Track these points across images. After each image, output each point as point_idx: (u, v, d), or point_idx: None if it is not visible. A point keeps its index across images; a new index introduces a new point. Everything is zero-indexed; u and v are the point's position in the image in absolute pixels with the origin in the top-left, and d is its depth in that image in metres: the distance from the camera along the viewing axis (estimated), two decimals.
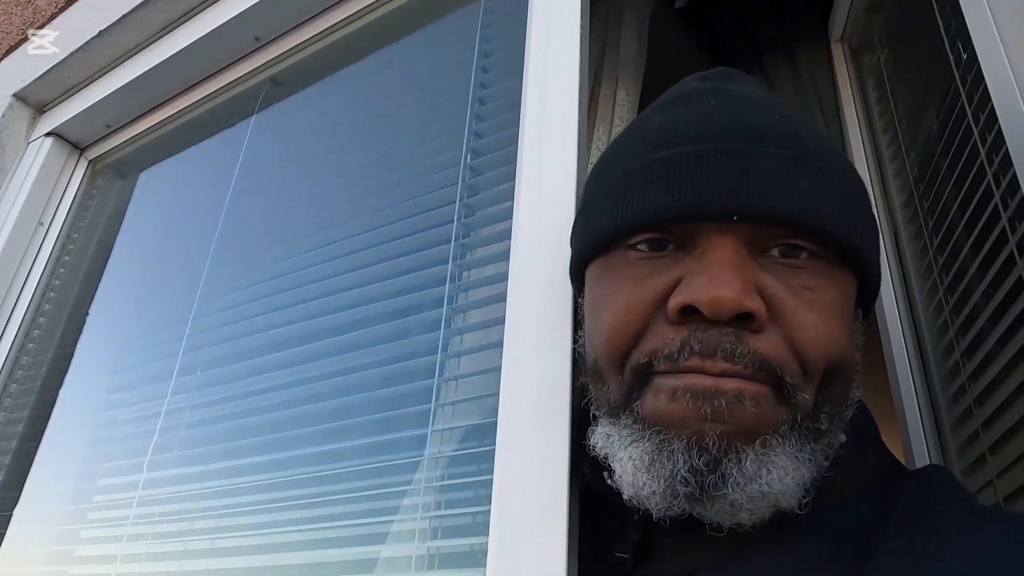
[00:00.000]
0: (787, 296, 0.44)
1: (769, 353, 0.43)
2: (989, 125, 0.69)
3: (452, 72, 0.96)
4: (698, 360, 0.43)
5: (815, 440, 0.45)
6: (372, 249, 0.88)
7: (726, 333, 0.43)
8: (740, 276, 0.43)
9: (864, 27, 1.18)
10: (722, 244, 0.45)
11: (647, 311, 0.46)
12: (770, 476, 0.43)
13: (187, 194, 1.33)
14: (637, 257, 0.48)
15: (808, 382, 0.44)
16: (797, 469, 0.44)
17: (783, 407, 0.44)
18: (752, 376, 0.43)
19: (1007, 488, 0.68)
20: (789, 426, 0.44)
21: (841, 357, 0.46)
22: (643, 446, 0.45)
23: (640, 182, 0.48)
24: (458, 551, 0.64)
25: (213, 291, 1.06)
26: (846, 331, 0.47)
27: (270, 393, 0.88)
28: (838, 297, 0.47)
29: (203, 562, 0.83)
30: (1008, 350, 0.69)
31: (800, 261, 0.46)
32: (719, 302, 0.42)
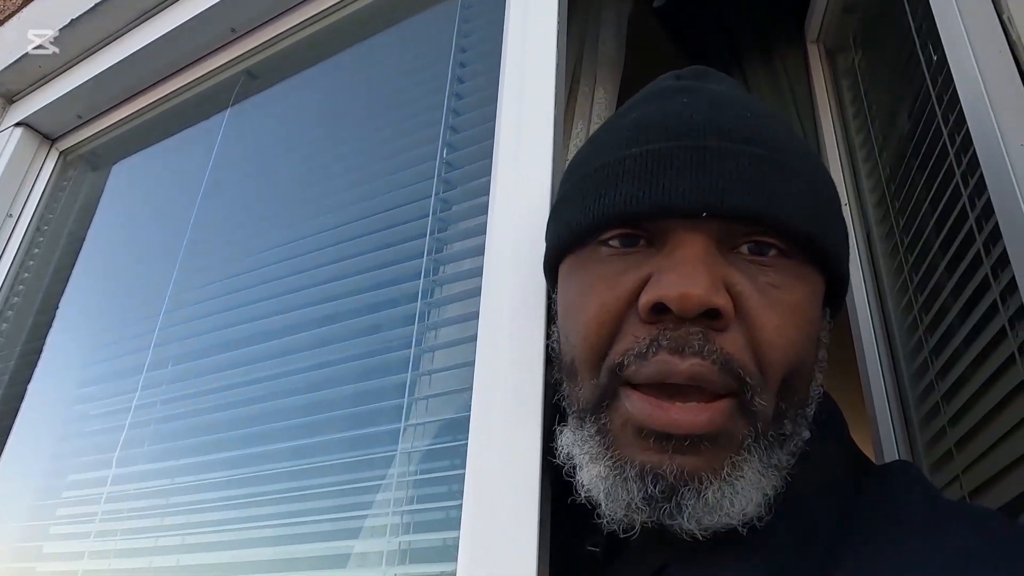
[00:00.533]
0: (754, 294, 0.45)
1: (733, 353, 0.44)
2: (958, 126, 0.70)
3: (429, 67, 0.96)
4: (666, 354, 0.43)
5: (780, 447, 0.46)
6: (347, 243, 0.87)
7: (694, 332, 0.43)
8: (709, 272, 0.44)
9: (839, 29, 1.20)
10: (692, 241, 0.45)
11: (620, 310, 0.46)
12: (732, 508, 0.43)
13: (160, 187, 1.31)
14: (609, 253, 0.48)
15: (766, 386, 0.45)
16: (760, 488, 0.44)
17: (744, 419, 0.44)
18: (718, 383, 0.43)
19: (972, 483, 0.70)
20: (753, 439, 0.44)
21: (801, 359, 0.46)
22: (600, 468, 0.45)
23: (611, 178, 0.48)
24: (430, 546, 0.64)
25: (185, 285, 1.05)
26: (810, 332, 0.47)
27: (242, 388, 0.87)
28: (804, 296, 0.47)
29: (173, 558, 0.82)
30: (973, 348, 0.70)
31: (768, 259, 0.46)
32: (687, 299, 0.42)
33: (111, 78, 1.34)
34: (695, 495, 0.43)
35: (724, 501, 0.43)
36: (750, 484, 0.44)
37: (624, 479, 0.44)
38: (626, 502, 0.44)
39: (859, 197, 1.07)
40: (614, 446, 0.45)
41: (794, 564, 0.45)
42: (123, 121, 1.40)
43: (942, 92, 0.75)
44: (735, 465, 0.44)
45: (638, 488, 0.43)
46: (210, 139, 1.23)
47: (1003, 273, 0.62)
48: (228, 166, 1.17)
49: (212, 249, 1.07)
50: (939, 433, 0.78)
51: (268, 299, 0.92)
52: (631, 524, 0.45)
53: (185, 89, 1.32)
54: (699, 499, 0.43)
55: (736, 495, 0.43)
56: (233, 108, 1.24)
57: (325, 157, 1.03)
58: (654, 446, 0.44)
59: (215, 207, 1.12)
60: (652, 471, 0.43)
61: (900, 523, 0.45)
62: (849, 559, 0.44)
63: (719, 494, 0.43)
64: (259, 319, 0.91)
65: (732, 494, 0.43)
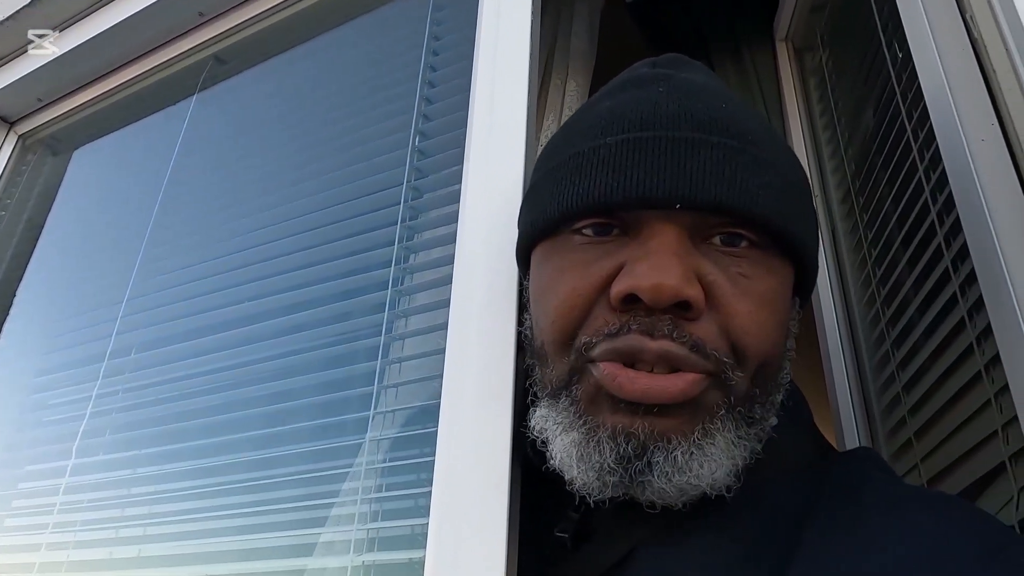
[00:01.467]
0: (725, 284, 0.45)
1: (705, 338, 0.44)
2: (921, 122, 0.72)
3: (402, 55, 0.95)
4: (636, 335, 0.44)
5: (748, 425, 0.47)
6: (316, 230, 0.86)
7: (664, 320, 0.44)
8: (681, 263, 0.44)
9: (808, 27, 1.21)
10: (665, 231, 0.45)
11: (591, 296, 0.46)
12: (701, 469, 0.44)
13: (124, 173, 1.28)
14: (582, 241, 0.49)
15: (742, 368, 0.45)
16: (730, 456, 0.45)
17: (718, 391, 0.45)
18: (691, 362, 0.44)
19: (931, 471, 0.72)
20: (726, 409, 0.45)
21: (774, 347, 0.47)
22: (573, 435, 0.46)
23: (586, 167, 0.48)
24: (398, 534, 0.64)
25: (150, 271, 1.03)
26: (781, 321, 0.48)
27: (208, 376, 0.86)
28: (775, 286, 0.48)
29: (134, 548, 0.81)
30: (933, 340, 0.72)
31: (740, 250, 0.47)
32: (659, 289, 0.43)
33: (73, 60, 1.31)
34: (664, 453, 0.43)
35: (693, 463, 0.43)
36: (721, 451, 0.44)
37: (597, 441, 0.44)
38: (599, 464, 0.44)
39: (825, 193, 1.09)
40: (587, 412, 0.46)
41: (761, 547, 0.46)
42: (85, 105, 1.37)
43: (907, 89, 0.76)
44: (707, 431, 0.44)
45: (610, 448, 0.44)
46: (176, 125, 1.20)
47: (963, 265, 0.64)
48: (195, 153, 1.15)
49: (177, 236, 1.05)
50: (899, 423, 0.80)
51: (235, 286, 0.90)
52: (603, 490, 0.45)
53: (151, 73, 1.29)
54: (668, 457, 0.43)
55: (706, 459, 0.44)
56: (200, 94, 1.22)
57: (295, 144, 1.01)
58: (625, 409, 0.44)
59: (181, 193, 1.10)
60: (624, 431, 0.44)
61: (862, 505, 0.46)
62: (812, 539, 0.45)
63: (687, 455, 0.43)
64: (225, 307, 0.90)
65: (702, 457, 0.44)
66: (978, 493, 0.63)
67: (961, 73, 0.61)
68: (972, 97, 0.59)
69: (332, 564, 0.65)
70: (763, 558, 0.45)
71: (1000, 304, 0.52)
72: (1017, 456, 0.56)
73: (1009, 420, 0.56)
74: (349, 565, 0.63)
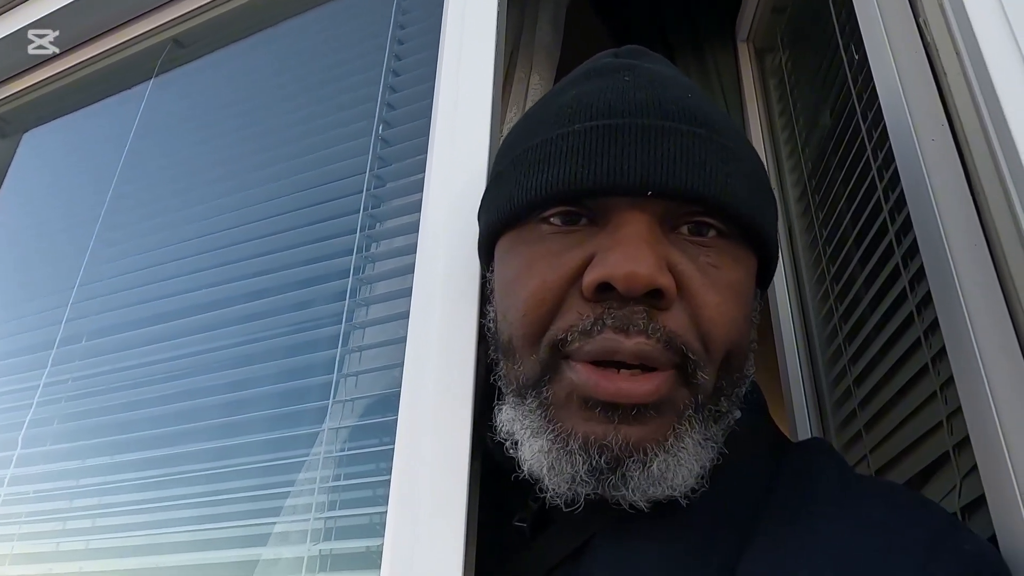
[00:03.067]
0: (695, 274, 0.45)
1: (676, 331, 0.44)
2: (875, 123, 0.74)
3: (366, 42, 0.94)
4: (611, 332, 0.43)
5: (715, 422, 0.47)
6: (277, 217, 0.85)
7: (638, 311, 0.43)
8: (653, 252, 0.44)
9: (768, 29, 1.24)
10: (636, 219, 0.45)
11: (562, 288, 0.46)
12: (675, 480, 0.44)
13: (77, 157, 1.25)
14: (550, 231, 0.48)
15: (709, 362, 0.45)
16: (699, 458, 0.45)
17: (685, 389, 0.45)
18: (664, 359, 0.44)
19: (879, 462, 0.74)
20: (693, 409, 0.45)
21: (740, 337, 0.47)
22: (542, 442, 0.45)
23: (554, 154, 0.47)
24: (356, 523, 0.63)
25: (103, 257, 1.01)
26: (746, 312, 0.49)
27: (161, 364, 0.84)
28: (741, 276, 0.48)
29: (82, 540, 0.79)
30: (883, 334, 0.74)
31: (708, 239, 0.47)
32: (633, 278, 0.42)
33: (22, 40, 1.26)
34: (640, 466, 0.43)
35: (668, 473, 0.43)
36: (691, 455, 0.44)
37: (568, 452, 0.44)
38: (571, 475, 0.44)
39: (782, 192, 1.11)
40: (556, 419, 0.45)
41: (716, 536, 0.47)
42: (37, 86, 1.32)
43: (862, 90, 0.78)
44: (678, 435, 0.44)
45: (583, 460, 0.43)
46: (132, 109, 1.17)
47: (912, 262, 0.66)
48: (151, 137, 1.12)
49: (132, 221, 1.03)
50: (850, 415, 0.82)
51: (192, 273, 0.89)
52: (575, 498, 0.45)
53: (106, 55, 1.25)
54: (644, 470, 0.43)
55: (680, 466, 0.44)
56: (158, 78, 1.19)
57: (255, 130, 1.00)
58: (600, 416, 0.44)
59: (136, 178, 1.08)
60: (597, 442, 0.43)
61: (816, 495, 0.47)
62: (766, 528, 0.46)
63: (664, 465, 0.43)
64: (181, 294, 0.88)
65: (676, 465, 0.44)
66: (923, 482, 0.66)
67: (914, 75, 0.63)
68: (924, 99, 0.60)
69: (288, 554, 0.64)
70: (718, 547, 0.46)
71: (947, 298, 0.54)
72: (960, 446, 0.58)
73: (953, 411, 0.58)
74: (305, 555, 0.63)
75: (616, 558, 0.47)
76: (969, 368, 0.50)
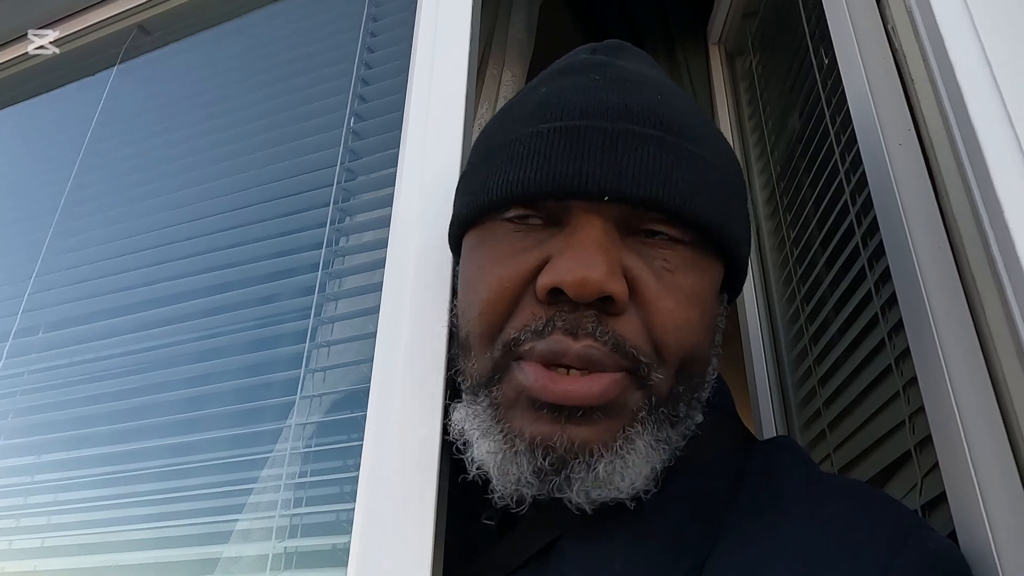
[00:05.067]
0: (650, 279, 0.45)
1: (626, 335, 0.44)
2: (844, 126, 0.75)
3: (339, 34, 0.93)
4: (560, 335, 0.44)
5: (672, 426, 0.47)
6: (243, 210, 0.84)
7: (588, 316, 0.43)
8: (606, 258, 0.43)
9: (739, 32, 1.25)
10: (591, 223, 0.45)
11: (518, 288, 0.46)
12: (622, 482, 0.43)
13: (35, 145, 1.21)
14: (512, 230, 0.48)
15: (663, 366, 0.45)
16: (649, 461, 0.45)
17: (639, 391, 0.45)
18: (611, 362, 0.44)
19: (842, 460, 0.75)
20: (647, 411, 0.45)
21: (698, 344, 0.47)
22: (490, 443, 0.45)
23: (518, 154, 0.47)
24: (323, 520, 0.63)
25: (61, 248, 0.98)
26: (706, 318, 0.48)
27: (121, 357, 0.82)
28: (701, 282, 0.47)
29: (37, 538, 0.77)
30: (848, 335, 0.75)
31: (666, 244, 0.46)
32: (583, 284, 0.42)
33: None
34: (585, 468, 0.43)
35: (615, 476, 0.43)
36: (641, 457, 0.44)
37: (515, 453, 0.44)
38: (516, 476, 0.44)
39: (750, 194, 1.12)
40: (505, 419, 0.45)
41: (685, 533, 0.47)
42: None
43: (831, 95, 0.79)
44: (628, 438, 0.44)
45: (528, 461, 0.43)
46: (94, 97, 1.14)
47: (878, 264, 0.67)
48: (113, 124, 1.09)
49: (93, 211, 1.00)
50: (815, 415, 0.83)
51: (154, 265, 0.87)
52: (522, 499, 0.45)
53: (68, 40, 1.22)
54: (589, 472, 0.43)
55: (627, 468, 0.44)
56: (122, 65, 1.16)
57: (222, 121, 0.97)
58: (546, 417, 0.43)
59: (98, 167, 1.05)
60: (543, 443, 0.43)
61: (781, 493, 0.48)
62: (733, 525, 0.47)
63: (610, 468, 0.43)
64: (143, 286, 0.86)
65: (623, 467, 0.43)
66: (885, 480, 0.67)
67: (882, 81, 0.64)
68: (891, 104, 0.62)
69: (252, 551, 0.63)
70: (686, 545, 0.46)
71: (912, 299, 0.55)
72: (922, 444, 0.59)
73: (916, 410, 0.59)
74: (270, 552, 0.62)
75: (584, 556, 0.47)
76: (932, 368, 0.51)
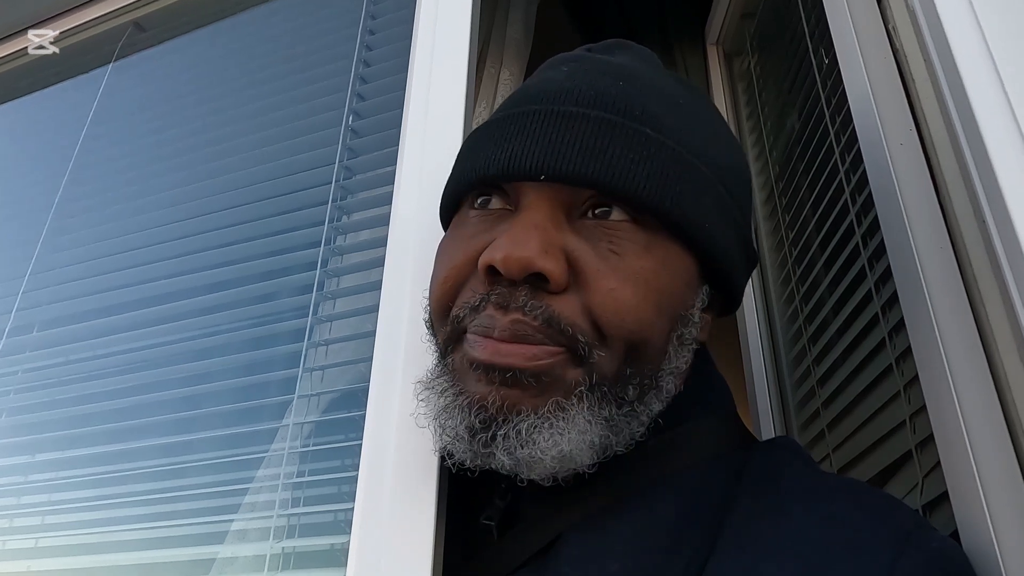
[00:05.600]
0: (591, 260, 0.45)
1: (561, 312, 0.44)
2: (844, 126, 0.75)
3: (337, 32, 0.93)
4: (492, 309, 0.45)
5: (618, 406, 0.46)
6: (241, 208, 0.83)
7: (521, 292, 0.44)
8: (541, 236, 0.44)
9: (738, 33, 1.25)
10: (535, 205, 0.46)
11: (466, 269, 0.48)
12: (546, 443, 0.43)
13: (30, 142, 1.20)
14: (473, 216, 0.50)
15: (605, 346, 0.45)
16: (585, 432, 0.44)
17: (579, 368, 0.45)
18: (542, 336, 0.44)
19: (841, 461, 0.75)
20: (586, 387, 0.45)
21: (644, 327, 0.46)
22: (442, 401, 0.47)
23: (478, 142, 0.50)
24: (322, 521, 0.62)
25: (56, 245, 0.97)
26: (657, 302, 0.46)
27: (117, 356, 0.82)
28: (652, 265, 0.46)
29: (31, 538, 0.76)
30: (848, 335, 0.75)
31: (614, 224, 0.46)
32: (511, 261, 0.43)
33: None
34: (510, 425, 0.44)
35: (538, 436, 0.43)
36: (575, 429, 0.44)
37: (456, 408, 0.45)
38: (452, 431, 0.45)
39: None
40: (456, 382, 0.47)
41: (684, 531, 0.47)
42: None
43: (831, 95, 0.79)
44: (560, 406, 0.44)
45: (462, 418, 0.45)
46: (90, 94, 1.13)
47: (879, 264, 0.67)
48: (109, 123, 1.09)
49: (89, 208, 0.99)
50: (813, 415, 0.83)
51: (150, 263, 0.86)
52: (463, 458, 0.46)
53: (64, 37, 1.22)
54: (512, 430, 0.44)
55: (552, 432, 0.44)
56: (117, 62, 1.16)
57: (219, 118, 0.97)
58: (483, 377, 0.45)
59: (94, 163, 1.04)
60: (479, 401, 0.44)
61: (782, 493, 0.48)
62: (734, 524, 0.47)
63: (532, 428, 0.44)
64: (139, 284, 0.85)
65: (548, 430, 0.44)
66: (885, 480, 0.67)
67: (883, 81, 0.64)
68: (892, 103, 0.61)
69: (250, 552, 0.63)
70: (686, 542, 0.46)
71: (913, 299, 0.55)
72: (923, 444, 0.59)
73: (917, 410, 0.59)
74: (268, 552, 0.61)
75: (583, 556, 0.47)
76: (934, 367, 0.51)
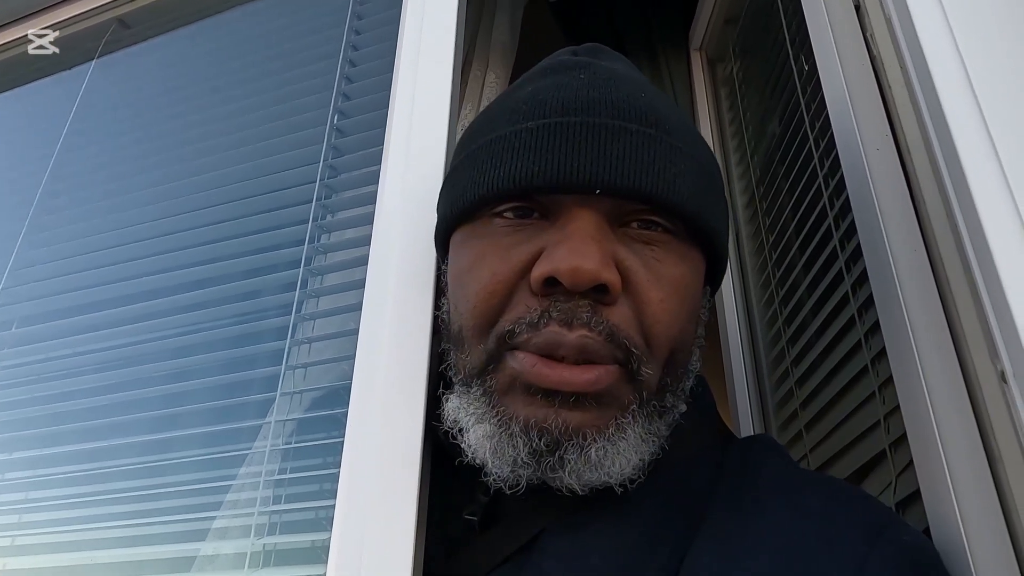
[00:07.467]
0: (640, 269, 0.46)
1: (618, 325, 0.45)
2: (823, 132, 0.76)
3: (323, 31, 0.92)
4: (556, 325, 0.44)
5: (660, 417, 0.48)
6: (224, 206, 0.83)
7: (583, 305, 0.44)
8: (600, 248, 0.45)
9: (721, 39, 1.27)
10: (584, 216, 0.46)
11: (512, 281, 0.47)
12: (612, 467, 0.44)
13: (10, 138, 1.19)
14: (502, 225, 0.49)
15: (652, 358, 0.46)
16: (639, 451, 0.46)
17: (629, 385, 0.46)
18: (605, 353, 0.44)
19: (819, 460, 0.76)
20: (638, 404, 0.46)
21: (683, 334, 0.48)
22: (486, 427, 0.46)
23: (507, 150, 0.48)
24: (302, 518, 0.62)
25: (36, 241, 0.96)
26: (691, 308, 0.50)
27: (97, 353, 0.81)
28: (687, 273, 0.49)
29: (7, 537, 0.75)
30: (824, 339, 0.77)
31: (655, 235, 0.48)
32: (579, 273, 0.43)
33: None
34: (578, 450, 0.44)
35: (606, 460, 0.44)
36: (631, 447, 0.45)
37: (510, 435, 0.45)
38: (512, 458, 0.45)
39: (730, 199, 1.14)
40: (500, 404, 0.46)
41: (664, 528, 0.48)
42: None
43: (810, 101, 0.81)
44: (620, 426, 0.45)
45: (523, 443, 0.44)
46: (71, 91, 1.13)
47: (855, 266, 0.68)
48: (91, 120, 1.08)
49: (71, 204, 0.99)
50: (791, 416, 0.84)
51: (132, 260, 0.86)
52: (517, 481, 0.46)
53: (43, 33, 1.20)
54: (582, 454, 0.44)
55: (619, 455, 0.45)
56: (100, 60, 1.15)
57: (203, 116, 0.97)
58: (541, 401, 0.44)
59: (75, 160, 1.03)
60: (537, 425, 0.44)
61: (760, 487, 0.49)
62: (712, 519, 0.47)
63: (602, 452, 0.44)
64: (120, 281, 0.85)
65: (615, 453, 0.44)
66: (861, 479, 0.68)
67: (860, 87, 0.65)
68: (869, 109, 0.63)
69: (231, 549, 0.63)
70: (666, 539, 0.47)
71: (888, 301, 0.56)
72: (897, 444, 0.60)
73: (891, 410, 0.61)
74: (249, 550, 0.61)
75: (566, 551, 0.48)
76: (908, 368, 0.52)
